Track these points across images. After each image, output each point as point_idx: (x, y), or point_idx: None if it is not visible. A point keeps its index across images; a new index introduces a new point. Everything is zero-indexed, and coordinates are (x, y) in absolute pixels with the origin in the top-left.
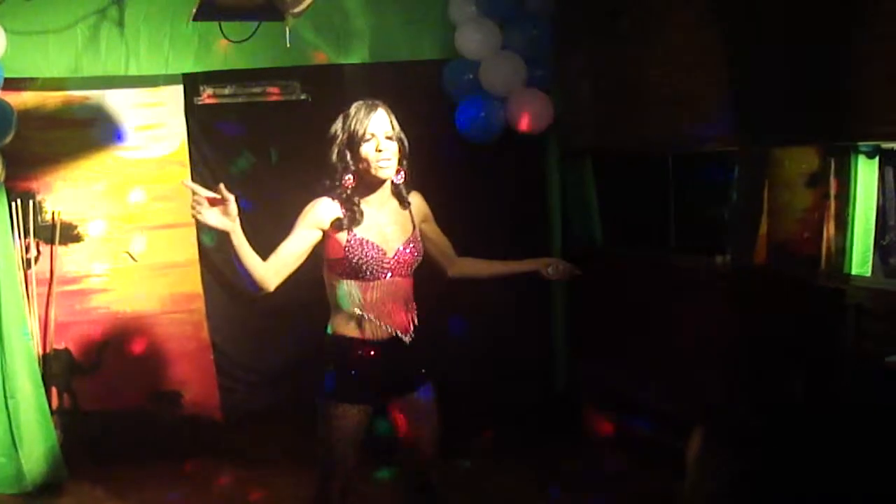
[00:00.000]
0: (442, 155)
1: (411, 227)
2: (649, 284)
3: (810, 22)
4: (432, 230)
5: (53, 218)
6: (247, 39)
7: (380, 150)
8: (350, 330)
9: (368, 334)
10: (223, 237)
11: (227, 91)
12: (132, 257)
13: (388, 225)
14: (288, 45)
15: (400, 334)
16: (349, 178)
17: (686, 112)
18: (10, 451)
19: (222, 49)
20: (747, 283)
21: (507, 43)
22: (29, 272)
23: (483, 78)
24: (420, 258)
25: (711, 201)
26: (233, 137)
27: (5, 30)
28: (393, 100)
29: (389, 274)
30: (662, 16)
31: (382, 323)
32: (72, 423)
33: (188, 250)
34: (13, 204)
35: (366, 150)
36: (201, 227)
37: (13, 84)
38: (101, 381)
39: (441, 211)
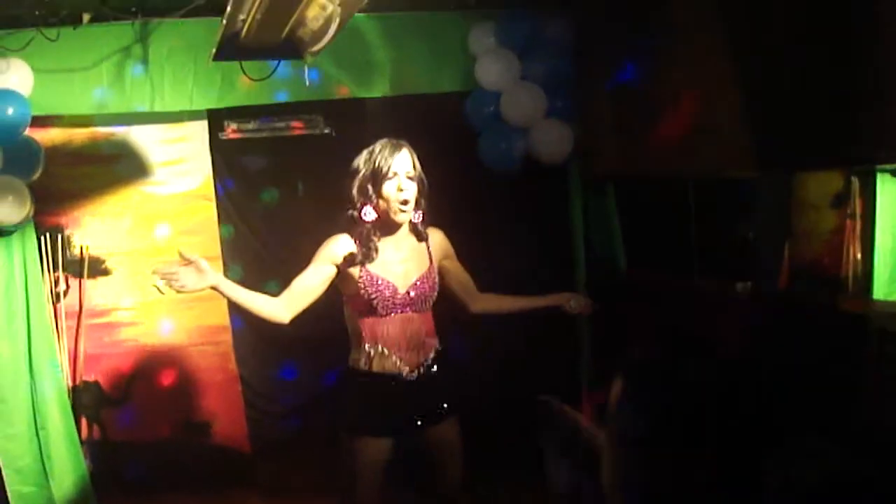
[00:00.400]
0: (465, 185)
1: (428, 263)
2: (673, 309)
3: (831, 44)
4: (454, 266)
5: (81, 252)
6: (266, 77)
7: (401, 190)
8: (367, 364)
9: (384, 368)
10: (249, 271)
11: (251, 126)
12: (160, 290)
13: (405, 262)
14: (307, 85)
15: (412, 369)
16: (368, 213)
17: (707, 138)
18: (41, 480)
19: (246, 84)
20: (770, 307)
21: (526, 73)
22: (58, 305)
23: (503, 109)
24: (435, 294)
25: (735, 226)
26: (257, 171)
27: (32, 68)
28: (415, 132)
29: (403, 309)
30: (683, 41)
31: (396, 357)
32: (101, 453)
33: None
34: (42, 238)
35: (387, 188)
36: (227, 262)
37: (40, 121)
38: (130, 412)
39: (465, 241)
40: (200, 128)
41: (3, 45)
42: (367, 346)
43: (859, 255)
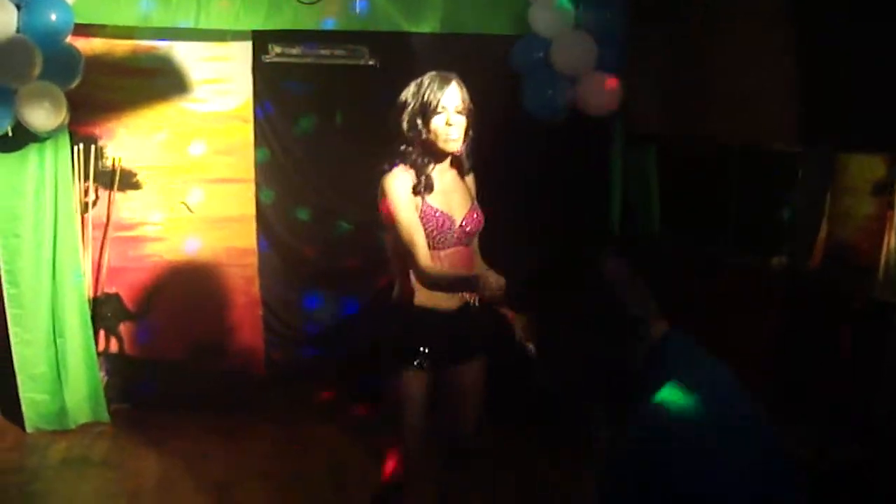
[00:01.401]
0: (505, 130)
1: (471, 198)
2: (703, 280)
3: (883, 27)
4: None
5: (114, 164)
6: (317, 2)
7: (449, 125)
8: (417, 298)
9: (431, 303)
10: (281, 195)
11: (295, 51)
12: (188, 208)
13: (452, 193)
14: (357, 12)
15: (457, 304)
16: (417, 146)
17: (754, 108)
18: (55, 388)
19: (293, 8)
20: (801, 286)
21: (580, 22)
22: (86, 216)
23: (554, 56)
24: (481, 227)
25: (773, 201)
26: (298, 97)
27: None
28: (460, 71)
29: (457, 244)
30: (736, 9)
31: (443, 293)
32: (117, 366)
33: (245, 206)
34: (75, 148)
35: (436, 122)
36: (259, 185)
37: (82, 30)
38: (148, 327)
39: (501, 186)
40: (244, 48)
41: None
42: (415, 279)
43: (894, 244)
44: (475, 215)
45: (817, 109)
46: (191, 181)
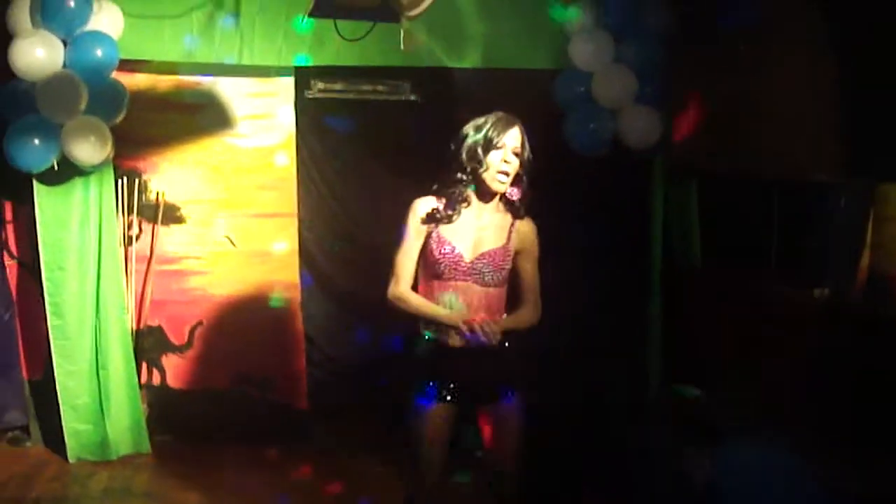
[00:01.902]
0: (547, 165)
1: (504, 241)
2: (747, 312)
3: None
4: (527, 267)
5: (157, 198)
6: (360, 39)
7: (506, 162)
8: (431, 331)
9: (437, 334)
10: (324, 230)
11: (338, 86)
12: (232, 242)
13: (482, 230)
14: (402, 48)
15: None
16: (468, 177)
17: (795, 140)
18: (98, 419)
19: (335, 44)
20: (844, 317)
21: (619, 56)
22: (129, 249)
23: (595, 90)
24: (503, 273)
25: (814, 233)
26: (340, 132)
27: (123, 12)
28: (502, 106)
29: (465, 278)
30: (778, 42)
31: (447, 326)
32: (159, 398)
33: (288, 240)
34: (119, 181)
35: (493, 157)
36: (302, 220)
37: (127, 66)
38: (190, 360)
39: (542, 221)
40: (287, 84)
41: None
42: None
43: None
44: (495, 257)
45: (857, 140)
46: (234, 215)
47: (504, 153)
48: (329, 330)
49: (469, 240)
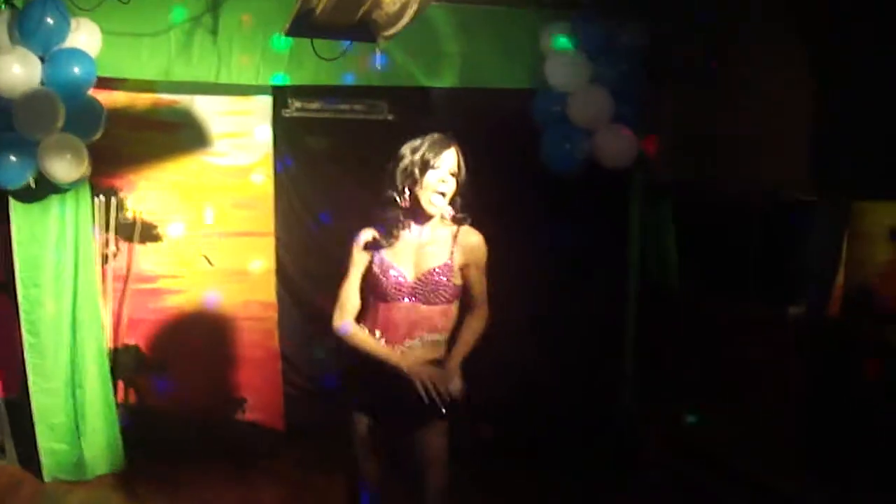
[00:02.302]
0: (522, 183)
1: (447, 258)
2: (724, 332)
3: None
4: (472, 275)
5: (134, 216)
6: (337, 58)
7: (443, 182)
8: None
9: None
10: (301, 249)
11: (315, 105)
12: (209, 261)
13: (422, 248)
14: (378, 68)
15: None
16: (404, 199)
17: (770, 157)
18: (73, 439)
19: (313, 64)
20: (820, 334)
21: (595, 76)
22: (106, 267)
23: (570, 110)
24: (448, 290)
25: (790, 250)
26: (318, 151)
27: (101, 30)
28: (478, 126)
29: (411, 298)
30: (755, 59)
31: (394, 346)
32: (135, 417)
33: (265, 258)
34: (96, 200)
35: (429, 178)
36: (280, 238)
37: (105, 83)
38: (167, 379)
39: (516, 239)
40: (264, 103)
41: (74, 4)
42: (369, 327)
43: None
44: (439, 274)
45: (832, 158)
46: (211, 234)
47: (440, 174)
48: (305, 349)
49: (410, 261)
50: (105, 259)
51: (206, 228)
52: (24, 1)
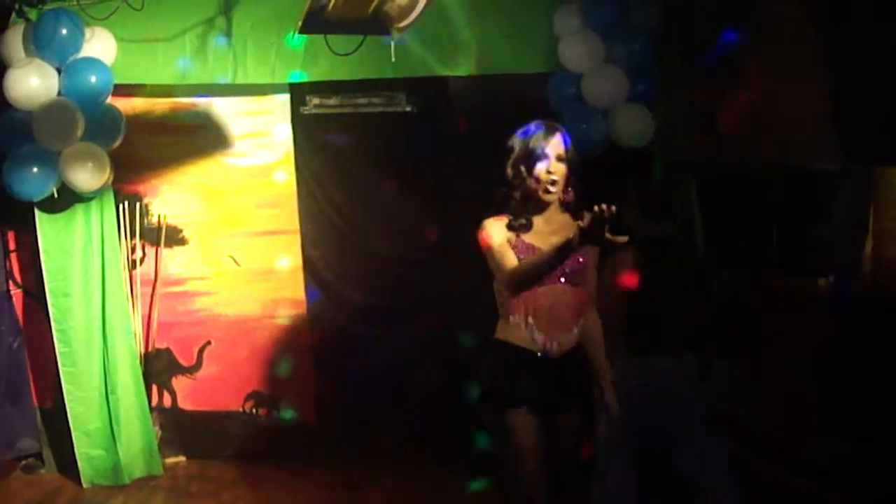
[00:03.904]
0: None
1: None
2: (750, 304)
3: None
4: (590, 267)
5: (159, 221)
6: (351, 53)
7: (550, 172)
8: (518, 337)
9: (527, 341)
10: (327, 245)
11: (333, 101)
12: (236, 261)
13: (555, 233)
14: (393, 60)
15: (553, 346)
16: (518, 193)
17: (790, 128)
18: (109, 444)
19: (328, 60)
20: (849, 305)
21: (610, 56)
22: (134, 273)
23: (585, 91)
24: (586, 271)
25: (817, 221)
26: (338, 146)
27: (116, 37)
28: (497, 112)
29: (557, 280)
30: (769, 30)
31: (539, 332)
32: (170, 420)
33: (291, 256)
34: (120, 206)
35: (539, 168)
36: (305, 235)
37: (123, 90)
38: (200, 380)
39: None
40: (282, 101)
41: (88, 13)
42: (515, 316)
43: None
44: (578, 254)
45: (855, 125)
46: (236, 235)
47: (548, 163)
48: (336, 344)
49: (549, 243)
50: (132, 265)
51: (232, 229)
52: (37, 13)
